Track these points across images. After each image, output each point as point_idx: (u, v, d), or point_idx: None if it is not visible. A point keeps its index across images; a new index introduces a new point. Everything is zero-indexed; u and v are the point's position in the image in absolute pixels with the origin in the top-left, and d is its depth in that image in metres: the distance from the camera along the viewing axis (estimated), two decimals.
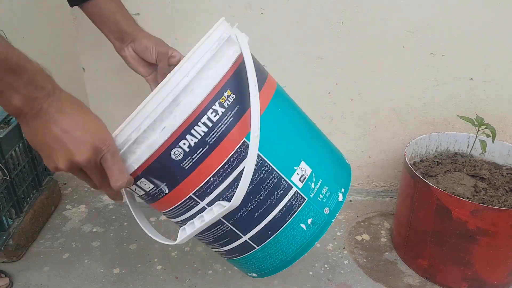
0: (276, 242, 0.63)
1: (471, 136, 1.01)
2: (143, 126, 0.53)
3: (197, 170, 0.55)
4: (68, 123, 0.48)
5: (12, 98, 0.45)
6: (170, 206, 0.60)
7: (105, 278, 0.91)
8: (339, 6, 0.95)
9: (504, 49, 0.99)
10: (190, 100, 0.52)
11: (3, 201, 0.91)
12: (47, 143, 0.48)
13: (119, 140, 0.53)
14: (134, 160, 0.54)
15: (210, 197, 0.57)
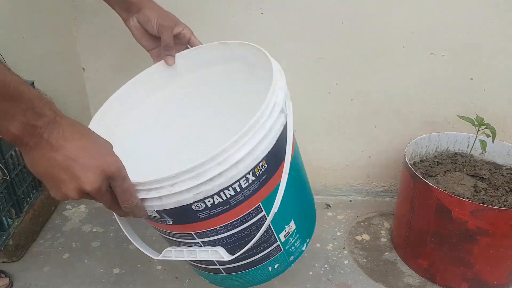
0: (243, 275, 0.68)
1: (471, 136, 1.01)
2: (180, 186, 0.52)
3: (209, 220, 0.57)
4: (72, 150, 0.46)
5: (10, 125, 0.43)
6: (168, 231, 0.62)
7: (105, 278, 0.91)
8: (339, 6, 0.95)
9: (504, 49, 0.99)
10: (233, 174, 0.52)
11: (3, 201, 0.91)
12: (51, 173, 0.46)
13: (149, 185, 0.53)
14: (157, 204, 0.54)
15: (208, 239, 0.60)
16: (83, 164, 0.46)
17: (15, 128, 0.43)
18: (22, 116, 0.43)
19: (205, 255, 0.60)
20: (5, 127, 0.43)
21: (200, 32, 0.98)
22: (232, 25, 0.97)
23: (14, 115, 0.43)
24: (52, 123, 0.46)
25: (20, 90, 0.43)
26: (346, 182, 1.19)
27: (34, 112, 0.44)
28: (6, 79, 0.42)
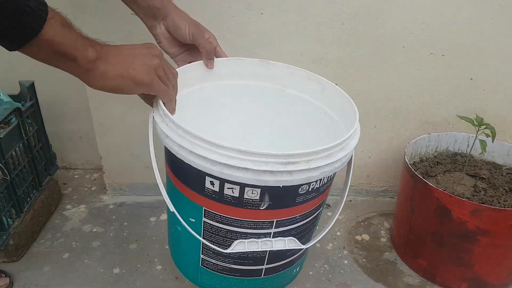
0: (277, 277, 0.69)
1: (471, 136, 1.01)
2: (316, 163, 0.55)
3: (299, 206, 0.60)
4: (127, 46, 0.56)
5: (87, 50, 0.50)
6: (246, 218, 0.59)
7: (105, 278, 0.91)
8: (339, 6, 0.95)
9: (504, 49, 0.99)
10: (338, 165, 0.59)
11: (3, 201, 0.91)
12: (134, 53, 0.55)
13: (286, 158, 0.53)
14: (285, 180, 0.54)
15: (284, 228, 0.61)
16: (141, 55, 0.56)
17: (91, 51, 0.51)
18: (86, 39, 0.51)
19: (282, 244, 0.61)
20: (85, 50, 0.50)
21: None
22: (232, 25, 0.97)
23: (84, 41, 0.50)
24: (102, 45, 0.54)
25: (71, 23, 0.50)
26: None
27: (90, 39, 0.52)
28: (61, 14, 0.49)
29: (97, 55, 0.52)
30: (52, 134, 1.17)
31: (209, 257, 0.66)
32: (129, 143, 1.12)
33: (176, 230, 0.70)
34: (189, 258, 0.70)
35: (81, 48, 0.50)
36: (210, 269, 0.68)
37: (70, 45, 0.48)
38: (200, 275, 0.70)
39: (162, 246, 1.00)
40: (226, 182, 0.55)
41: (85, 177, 1.29)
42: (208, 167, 0.53)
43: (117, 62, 0.54)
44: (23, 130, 0.98)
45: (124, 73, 0.54)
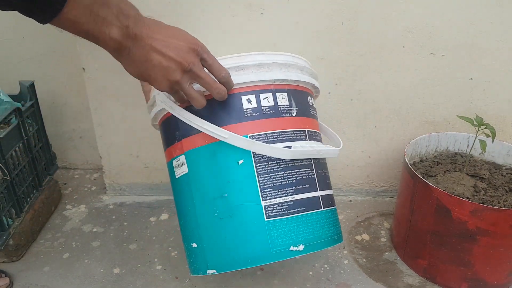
0: (333, 212, 0.69)
1: (470, 136, 1.01)
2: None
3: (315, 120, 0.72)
4: (164, 38, 0.52)
5: (111, 31, 0.47)
6: (281, 128, 0.64)
7: (105, 278, 0.91)
8: (339, 6, 0.95)
9: (504, 49, 0.99)
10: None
11: (3, 201, 0.91)
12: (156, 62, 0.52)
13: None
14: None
15: (314, 140, 0.68)
16: (176, 46, 0.52)
17: (115, 32, 0.48)
18: (116, 21, 0.48)
19: (323, 147, 0.68)
20: (107, 34, 0.48)
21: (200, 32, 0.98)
22: (232, 25, 0.97)
23: (111, 21, 0.47)
24: (139, 21, 0.50)
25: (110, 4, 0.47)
26: (346, 182, 1.19)
27: (123, 14, 0.48)
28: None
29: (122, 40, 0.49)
30: (52, 134, 1.17)
31: (270, 196, 0.61)
32: (129, 143, 1.12)
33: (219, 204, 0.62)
34: (250, 224, 0.61)
35: (106, 29, 0.47)
36: (278, 216, 0.61)
37: (94, 26, 0.47)
38: (270, 235, 0.61)
39: (162, 246, 1.01)
40: (260, 92, 0.63)
41: (85, 177, 1.29)
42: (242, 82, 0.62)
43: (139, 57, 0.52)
44: (23, 130, 0.98)
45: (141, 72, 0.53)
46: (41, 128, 1.08)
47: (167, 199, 1.17)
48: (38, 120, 1.06)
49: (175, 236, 1.03)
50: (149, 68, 0.52)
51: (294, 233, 0.61)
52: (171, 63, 0.52)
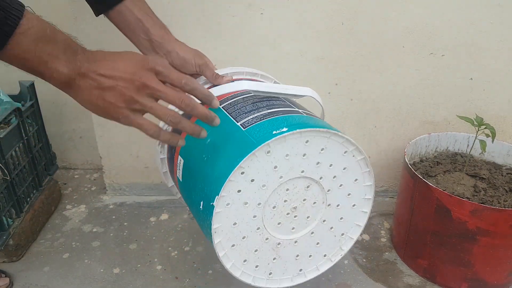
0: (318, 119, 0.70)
1: (470, 136, 1.01)
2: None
3: None
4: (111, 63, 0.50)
5: (59, 66, 0.47)
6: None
7: (105, 278, 0.91)
8: (339, 6, 0.95)
9: (504, 49, 0.99)
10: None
11: (3, 201, 0.91)
12: (106, 85, 0.49)
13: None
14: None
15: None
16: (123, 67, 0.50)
17: (63, 66, 0.47)
18: (63, 55, 0.47)
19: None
20: (54, 68, 0.47)
21: (200, 32, 0.98)
22: (232, 25, 0.97)
23: (57, 55, 0.47)
24: (85, 54, 0.50)
25: (55, 32, 0.47)
26: None
27: (70, 50, 0.48)
28: (42, 24, 0.46)
29: (71, 73, 0.48)
30: (52, 134, 1.17)
31: (244, 117, 0.65)
32: (129, 143, 1.12)
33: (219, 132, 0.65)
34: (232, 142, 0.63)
35: (52, 64, 0.47)
36: (254, 123, 0.64)
37: (39, 62, 0.46)
38: (250, 135, 0.62)
39: (162, 246, 1.01)
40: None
41: (85, 177, 1.29)
42: None
43: (86, 88, 0.49)
44: (23, 130, 0.98)
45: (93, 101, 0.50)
46: (41, 128, 1.08)
47: (167, 199, 1.17)
48: (38, 120, 1.06)
49: (175, 236, 1.03)
50: (102, 94, 0.50)
51: (274, 126, 0.61)
52: (120, 82, 0.49)
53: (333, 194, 0.67)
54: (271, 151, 0.60)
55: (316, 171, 0.64)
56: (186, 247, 1.00)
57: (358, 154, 0.66)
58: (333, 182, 0.67)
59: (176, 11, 0.96)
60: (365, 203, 0.71)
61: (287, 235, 0.67)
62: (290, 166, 0.62)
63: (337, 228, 0.70)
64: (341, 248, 0.72)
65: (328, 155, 0.64)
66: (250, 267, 0.67)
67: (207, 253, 0.98)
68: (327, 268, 0.72)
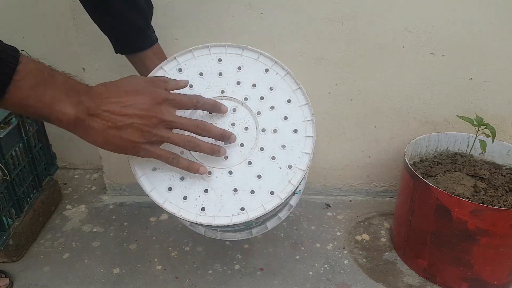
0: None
1: (470, 136, 1.01)
2: None
3: None
4: (119, 99, 0.49)
5: (63, 108, 0.45)
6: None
7: (105, 278, 0.91)
8: (339, 6, 0.95)
9: (504, 49, 0.99)
10: None
11: (3, 201, 0.91)
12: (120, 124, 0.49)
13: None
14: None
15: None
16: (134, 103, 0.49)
17: (69, 108, 0.46)
18: (67, 97, 0.46)
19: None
20: (59, 111, 0.46)
21: (200, 32, 0.98)
22: (232, 25, 0.97)
23: (60, 98, 0.45)
24: (88, 93, 0.48)
25: (53, 74, 0.46)
26: (346, 182, 1.19)
27: (73, 90, 0.47)
28: (39, 67, 0.44)
29: (78, 114, 0.47)
30: (52, 134, 1.17)
31: None
32: None
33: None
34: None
35: (57, 107, 0.45)
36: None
37: (43, 106, 0.45)
38: None
39: (162, 246, 1.00)
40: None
41: (85, 177, 1.29)
42: None
43: (100, 129, 0.49)
44: (23, 130, 0.98)
45: (107, 139, 0.50)
46: (41, 128, 1.08)
47: None
48: (38, 120, 1.06)
49: (175, 236, 1.03)
50: (118, 133, 0.50)
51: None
52: (135, 119, 0.49)
53: (265, 117, 0.63)
54: (182, 68, 0.60)
55: (238, 91, 0.62)
56: (186, 247, 1.00)
57: (281, 70, 0.64)
58: (262, 103, 0.63)
59: (176, 11, 0.96)
60: (307, 126, 0.63)
61: (217, 163, 0.61)
62: (207, 85, 0.61)
63: (281, 158, 0.62)
64: (290, 182, 0.61)
65: (247, 74, 0.62)
66: (177, 196, 0.60)
67: (207, 253, 0.98)
68: (274, 206, 0.60)
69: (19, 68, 0.42)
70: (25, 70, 0.42)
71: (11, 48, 0.42)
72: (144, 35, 0.74)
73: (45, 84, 0.44)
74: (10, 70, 0.41)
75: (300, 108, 0.64)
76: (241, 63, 0.62)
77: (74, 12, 0.96)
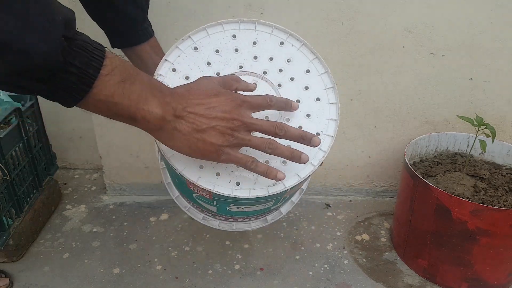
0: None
1: (470, 136, 1.01)
2: None
3: None
4: (202, 101, 0.48)
5: (151, 107, 0.44)
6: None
7: (105, 278, 0.91)
8: (339, 6, 0.95)
9: (504, 49, 0.99)
10: None
11: (3, 201, 0.91)
12: (205, 126, 0.48)
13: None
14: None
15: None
16: (217, 105, 0.49)
17: (156, 107, 0.44)
18: (153, 97, 0.44)
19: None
20: (147, 110, 0.44)
21: None
22: None
23: (147, 97, 0.44)
24: (173, 94, 0.47)
25: (138, 72, 0.44)
26: (346, 182, 1.19)
27: (157, 90, 0.45)
28: (125, 64, 0.43)
29: (165, 114, 0.45)
30: (52, 134, 1.17)
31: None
32: (129, 143, 1.12)
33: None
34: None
35: (144, 105, 0.43)
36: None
37: (129, 104, 0.42)
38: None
39: (162, 246, 1.00)
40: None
41: (85, 177, 1.29)
42: None
43: (185, 131, 0.47)
44: (23, 130, 0.98)
45: (192, 142, 0.49)
46: (41, 128, 1.08)
47: (167, 199, 1.17)
48: (38, 120, 1.06)
49: (175, 236, 1.03)
50: (202, 136, 0.48)
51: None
52: (219, 121, 0.48)
53: (286, 89, 0.62)
54: (198, 47, 0.60)
55: (257, 65, 0.62)
56: (186, 247, 1.00)
57: (296, 42, 0.64)
58: (281, 75, 0.63)
59: (177, 12, 0.96)
60: (329, 93, 0.63)
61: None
62: (224, 62, 0.61)
63: (308, 127, 0.61)
64: (320, 149, 0.62)
65: (263, 48, 0.62)
66: (209, 173, 0.59)
67: (207, 253, 0.98)
68: (308, 173, 0.60)
69: (106, 63, 0.40)
70: (112, 65, 0.40)
71: (97, 42, 0.41)
72: (141, 28, 0.74)
73: (132, 81, 0.42)
74: (98, 64, 0.39)
75: (320, 77, 0.64)
76: (255, 38, 0.62)
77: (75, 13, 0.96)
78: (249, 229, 0.84)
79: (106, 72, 0.40)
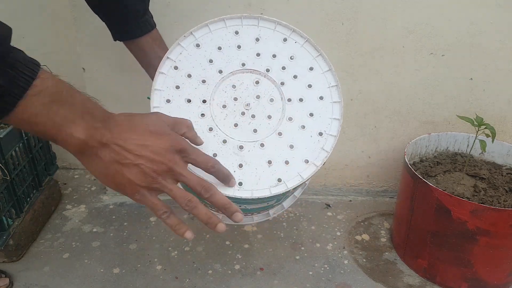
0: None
1: (470, 136, 1.01)
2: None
3: None
4: (138, 136, 0.47)
5: (74, 130, 0.43)
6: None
7: (105, 278, 0.91)
8: (339, 6, 0.95)
9: (504, 49, 0.99)
10: None
11: (3, 201, 0.91)
12: (129, 161, 0.46)
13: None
14: None
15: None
16: (151, 145, 0.46)
17: (79, 132, 0.43)
18: (81, 120, 0.43)
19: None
20: (69, 133, 0.43)
21: None
22: None
23: (74, 120, 0.43)
24: (106, 121, 0.46)
25: (72, 94, 0.43)
26: (346, 182, 1.19)
27: (89, 114, 0.44)
28: (58, 85, 0.42)
29: (88, 140, 0.44)
30: None
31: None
32: None
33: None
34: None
35: (67, 128, 0.42)
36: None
37: (52, 125, 0.42)
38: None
39: (162, 246, 1.00)
40: None
41: (85, 177, 1.29)
42: None
43: (105, 160, 0.46)
44: (23, 130, 0.98)
45: (111, 174, 0.47)
46: None
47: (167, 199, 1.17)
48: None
49: (175, 236, 1.03)
50: (121, 169, 0.46)
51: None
52: (145, 161, 0.46)
53: (289, 87, 0.61)
54: (200, 43, 0.60)
55: (259, 63, 0.61)
56: (186, 247, 1.00)
57: (300, 38, 0.63)
58: (284, 73, 0.62)
59: (177, 12, 0.96)
60: (332, 92, 0.62)
61: (248, 136, 0.60)
62: (226, 59, 0.60)
63: (311, 126, 0.61)
64: (323, 148, 0.61)
65: (266, 45, 0.62)
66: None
67: (207, 253, 0.98)
68: (311, 173, 0.59)
69: (36, 83, 0.40)
70: (42, 86, 0.40)
71: (32, 61, 0.41)
72: (142, 19, 0.74)
73: (60, 103, 0.42)
74: (25, 84, 0.39)
75: (323, 75, 0.63)
76: (258, 34, 0.62)
77: (74, 12, 0.96)
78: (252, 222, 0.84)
79: (34, 92, 0.39)
